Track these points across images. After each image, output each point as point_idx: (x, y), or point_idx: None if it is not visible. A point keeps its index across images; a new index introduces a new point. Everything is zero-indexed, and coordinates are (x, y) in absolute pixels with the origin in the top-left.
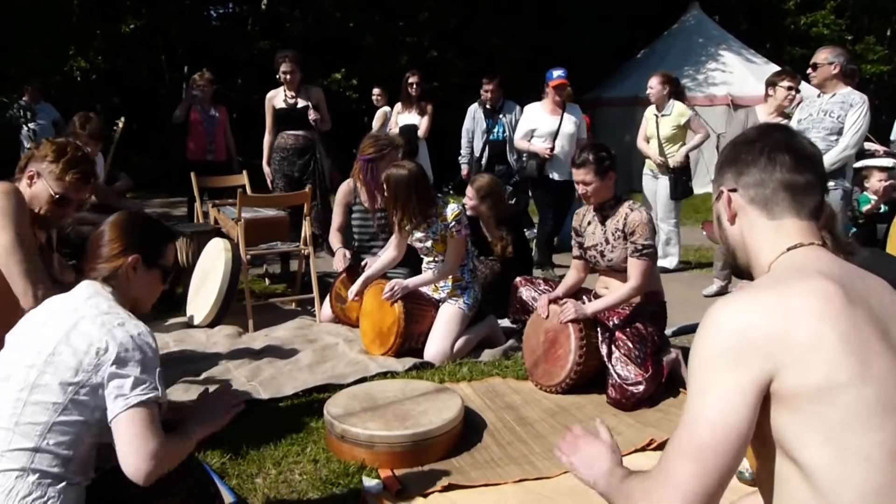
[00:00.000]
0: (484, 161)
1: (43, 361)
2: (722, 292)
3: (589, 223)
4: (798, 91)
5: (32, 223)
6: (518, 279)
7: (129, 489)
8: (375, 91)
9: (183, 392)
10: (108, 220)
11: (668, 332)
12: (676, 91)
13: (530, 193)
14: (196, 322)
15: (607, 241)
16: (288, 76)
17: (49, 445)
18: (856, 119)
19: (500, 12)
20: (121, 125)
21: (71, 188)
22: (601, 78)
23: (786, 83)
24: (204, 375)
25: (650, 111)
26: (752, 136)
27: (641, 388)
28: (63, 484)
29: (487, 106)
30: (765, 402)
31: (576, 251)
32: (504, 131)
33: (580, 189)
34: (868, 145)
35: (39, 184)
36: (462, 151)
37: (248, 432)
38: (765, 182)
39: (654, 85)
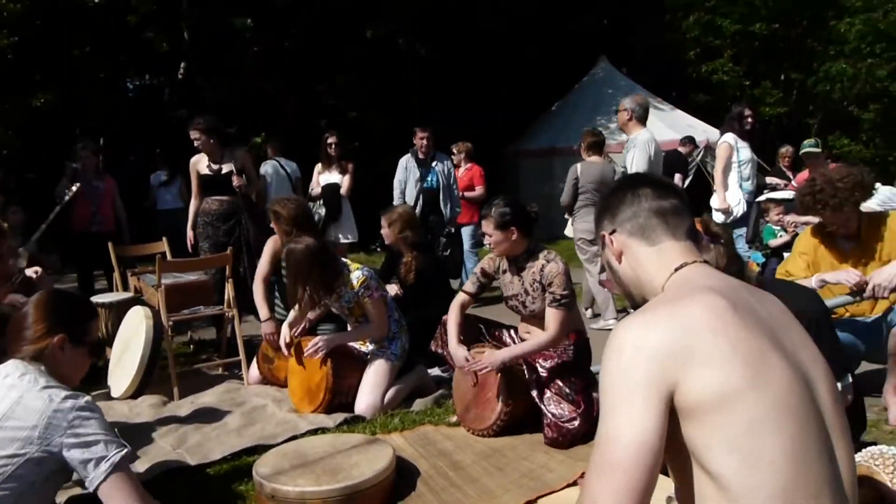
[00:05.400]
0: (418, 210)
1: None
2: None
3: (504, 271)
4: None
5: None
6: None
7: None
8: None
9: None
10: (30, 301)
11: (593, 368)
12: None
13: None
14: (118, 394)
15: (527, 293)
16: (197, 143)
17: None
18: (633, 158)
19: (421, 71)
20: (74, 190)
21: None
22: (520, 131)
23: None
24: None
25: None
26: (614, 185)
27: (577, 423)
28: None
29: (420, 156)
30: (674, 416)
31: (469, 286)
32: (437, 180)
33: (486, 239)
34: (770, 179)
35: None
36: (394, 203)
37: (175, 502)
38: (637, 213)
39: None
